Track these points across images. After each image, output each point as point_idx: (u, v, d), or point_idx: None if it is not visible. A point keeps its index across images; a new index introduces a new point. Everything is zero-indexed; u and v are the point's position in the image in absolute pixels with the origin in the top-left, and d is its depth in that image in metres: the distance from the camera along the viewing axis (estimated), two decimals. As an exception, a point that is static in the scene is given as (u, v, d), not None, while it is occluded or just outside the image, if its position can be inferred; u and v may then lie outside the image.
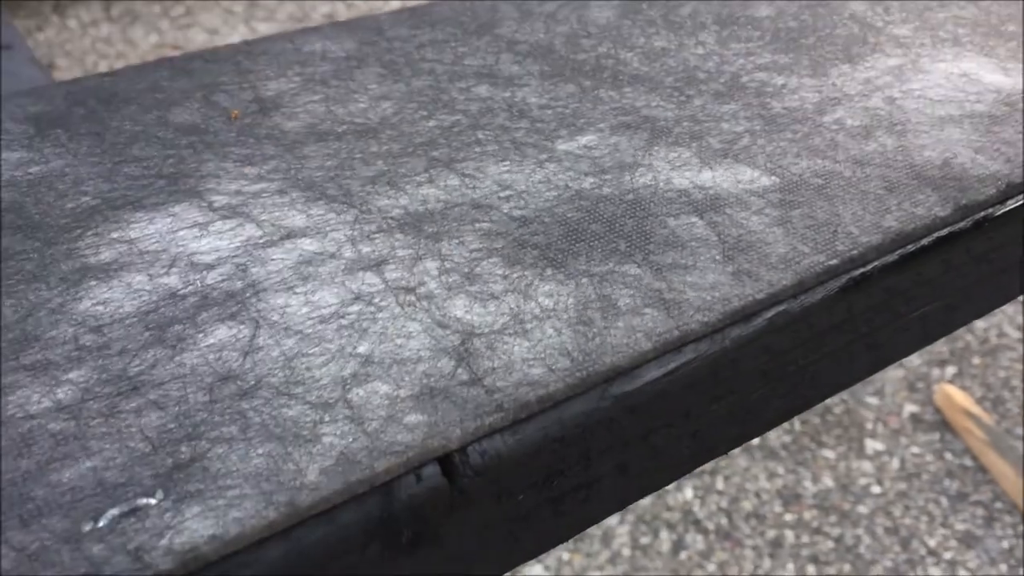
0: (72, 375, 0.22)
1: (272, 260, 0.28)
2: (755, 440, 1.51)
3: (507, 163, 0.34)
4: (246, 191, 0.31)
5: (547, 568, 1.20)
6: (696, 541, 1.29)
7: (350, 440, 0.20)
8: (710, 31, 0.44)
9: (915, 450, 1.47)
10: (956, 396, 1.52)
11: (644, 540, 1.29)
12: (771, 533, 1.32)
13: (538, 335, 0.26)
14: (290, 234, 0.29)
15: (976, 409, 1.51)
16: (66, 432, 0.20)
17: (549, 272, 0.29)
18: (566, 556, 1.23)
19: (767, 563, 1.29)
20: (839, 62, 0.42)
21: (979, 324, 1.69)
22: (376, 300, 0.26)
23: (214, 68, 0.38)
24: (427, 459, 0.21)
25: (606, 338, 0.26)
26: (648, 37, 0.43)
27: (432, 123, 0.36)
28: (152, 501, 0.17)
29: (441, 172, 0.33)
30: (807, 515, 1.34)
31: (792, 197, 0.33)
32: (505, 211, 0.32)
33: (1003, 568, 1.30)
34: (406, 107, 0.37)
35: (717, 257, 0.30)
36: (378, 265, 0.28)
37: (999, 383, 1.58)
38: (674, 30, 0.44)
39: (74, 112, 0.34)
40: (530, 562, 0.93)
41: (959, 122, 0.38)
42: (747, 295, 0.29)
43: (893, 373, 1.61)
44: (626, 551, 1.28)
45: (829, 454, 1.47)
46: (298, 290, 0.26)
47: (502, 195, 0.32)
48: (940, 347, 1.64)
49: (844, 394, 1.58)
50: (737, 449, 1.50)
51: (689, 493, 1.35)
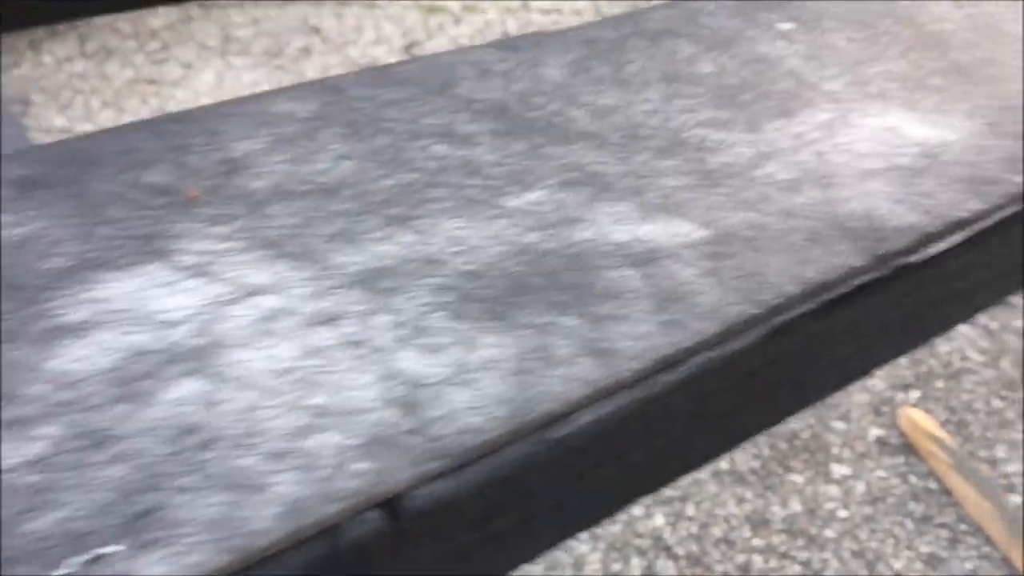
0: (45, 430, 0.24)
1: (235, 317, 0.30)
2: (724, 465, 1.54)
3: (460, 219, 0.37)
4: (213, 250, 0.33)
5: (520, 595, 1.22)
6: (667, 567, 1.31)
7: (301, 488, 0.22)
8: (656, 88, 0.46)
9: (881, 474, 1.50)
10: (920, 419, 1.56)
11: (616, 567, 1.30)
12: (740, 558, 1.34)
13: (480, 385, 0.28)
14: (252, 291, 0.31)
15: (940, 432, 1.54)
16: (38, 485, 0.22)
17: (493, 324, 0.31)
18: (539, 583, 1.24)
19: (737, 587, 1.31)
20: (774, 117, 0.45)
21: (942, 348, 1.73)
22: (330, 354, 0.29)
23: (186, 130, 0.40)
24: (372, 504, 0.23)
25: (543, 386, 0.29)
26: (597, 94, 0.46)
27: (390, 181, 0.38)
28: (115, 549, 0.19)
29: (397, 229, 0.36)
30: (775, 540, 1.37)
31: (723, 249, 0.36)
32: (455, 266, 0.34)
33: (966, 589, 1.33)
34: (366, 166, 0.39)
35: (649, 308, 0.33)
36: (333, 320, 0.30)
37: (962, 406, 1.61)
38: (622, 87, 0.46)
39: (54, 175, 0.37)
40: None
41: (882, 175, 0.41)
42: (676, 343, 0.31)
43: (858, 397, 1.64)
44: (599, 578, 1.29)
45: (797, 479, 1.50)
46: (258, 345, 0.28)
47: (453, 251, 0.35)
48: (904, 371, 1.68)
49: (811, 419, 1.61)
50: (707, 474, 1.52)
51: (660, 519, 1.37)
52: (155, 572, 0.19)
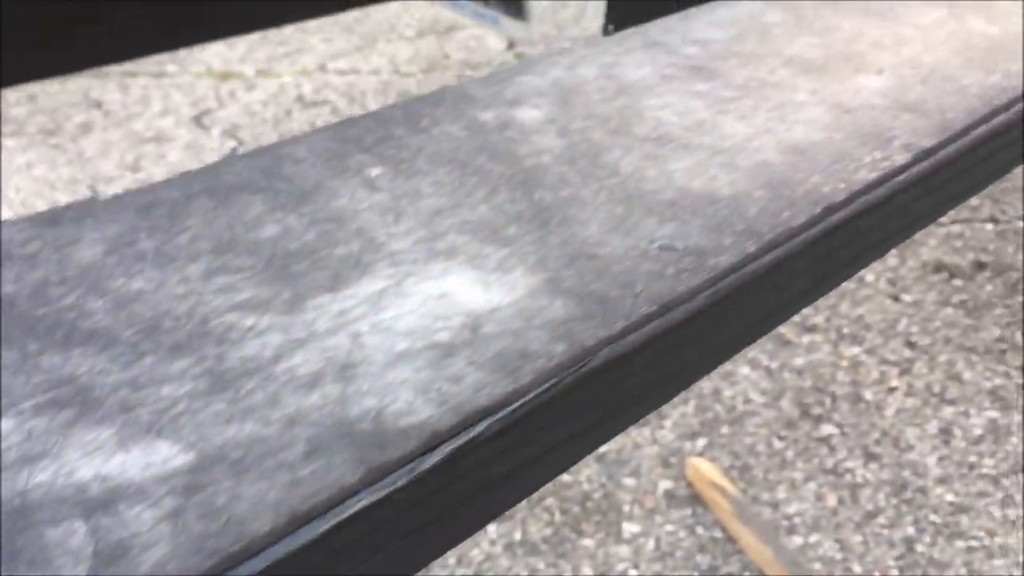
0: None
1: None
2: (517, 535, 1.51)
3: None
4: None
5: None
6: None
7: None
8: (201, 263, 0.43)
9: (669, 528, 1.52)
10: (704, 468, 1.59)
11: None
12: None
13: None
14: None
15: (722, 480, 1.58)
16: None
17: None
18: None
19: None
20: (322, 291, 0.42)
21: (726, 392, 1.77)
22: None
23: None
24: None
25: None
26: (130, 277, 0.42)
27: None
28: None
29: None
30: (553, 619, 1.35)
31: (200, 479, 0.33)
32: None
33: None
34: None
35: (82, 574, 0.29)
36: None
37: (745, 450, 1.66)
38: (162, 265, 0.43)
39: None
40: None
41: (414, 358, 0.38)
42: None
43: (648, 450, 1.66)
44: None
45: (588, 543, 1.49)
46: None
47: None
48: (692, 419, 1.71)
49: (603, 477, 1.62)
50: (500, 548, 1.50)
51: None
52: None
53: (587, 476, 1.60)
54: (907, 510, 1.53)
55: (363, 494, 0.33)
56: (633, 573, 1.45)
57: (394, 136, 0.53)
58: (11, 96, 2.84)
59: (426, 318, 0.41)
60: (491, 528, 1.49)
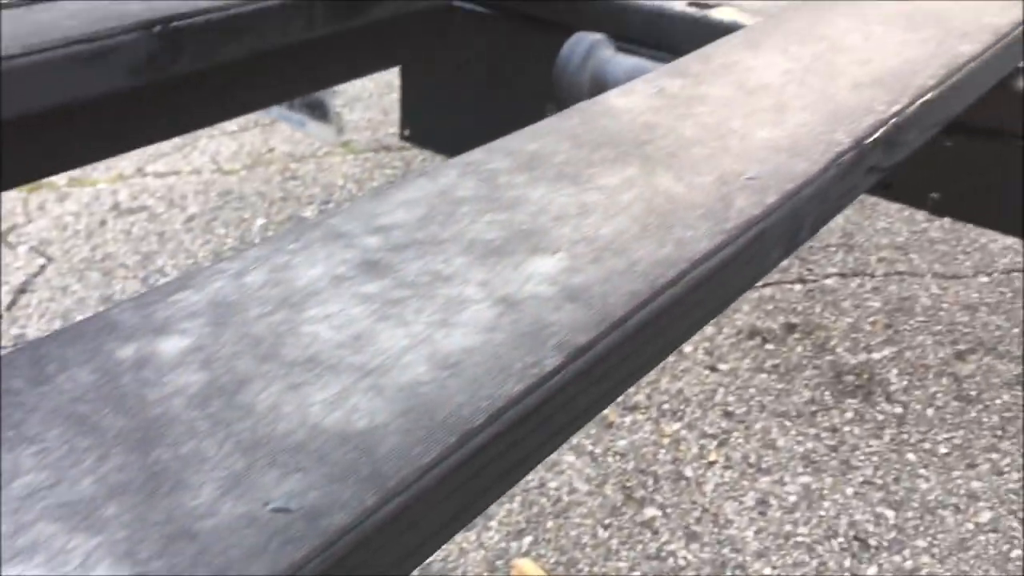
0: None
1: None
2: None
3: None
4: None
5: None
6: None
7: None
8: None
9: (494, 640, 1.50)
10: (528, 569, 1.58)
11: None
12: None
13: None
14: None
15: (546, 581, 1.57)
16: None
17: None
18: None
19: None
20: None
21: (551, 484, 1.78)
22: None
23: None
24: None
25: None
26: None
27: None
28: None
29: None
30: None
31: None
32: None
33: None
34: None
35: None
36: None
37: (571, 544, 1.66)
38: None
39: None
40: None
41: None
42: None
43: (474, 555, 1.64)
44: None
45: (413, 668, 1.45)
46: None
47: None
48: (517, 517, 1.70)
49: (430, 592, 1.58)
50: None
51: None
52: None
53: (413, 592, 1.56)
54: (728, 590, 1.55)
55: None
56: None
57: (11, 391, 0.50)
58: None
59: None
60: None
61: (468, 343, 0.56)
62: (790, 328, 2.16)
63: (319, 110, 2.04)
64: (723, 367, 2.04)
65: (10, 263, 2.36)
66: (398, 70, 1.79)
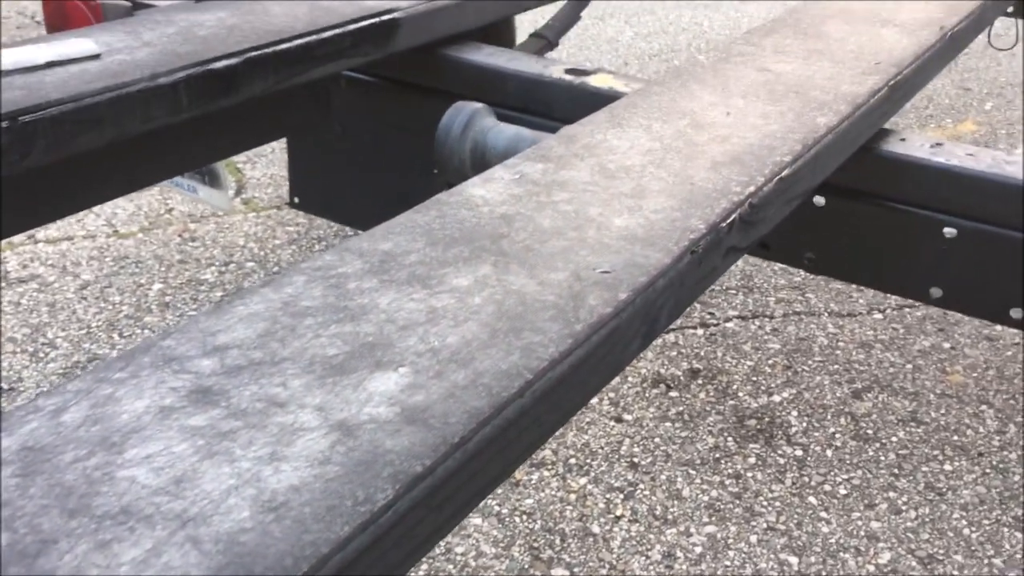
0: None
1: None
2: None
3: None
4: None
5: None
6: None
7: None
8: None
9: None
10: (435, 646, 1.54)
11: None
12: None
13: None
14: None
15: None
16: None
17: None
18: None
19: None
20: None
21: (458, 549, 1.75)
22: None
23: None
24: None
25: None
26: None
27: None
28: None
29: None
30: None
31: None
32: None
33: None
34: None
35: None
36: None
37: (479, 612, 1.62)
38: None
39: None
40: None
41: None
42: None
43: (381, 633, 1.59)
44: None
45: None
46: None
47: None
48: (424, 588, 1.67)
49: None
50: None
51: None
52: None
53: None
54: (635, 651, 1.54)
55: None
56: None
57: None
58: None
59: None
60: None
61: (297, 479, 0.54)
62: (694, 374, 2.19)
63: (210, 175, 2.00)
64: (628, 417, 2.05)
65: None
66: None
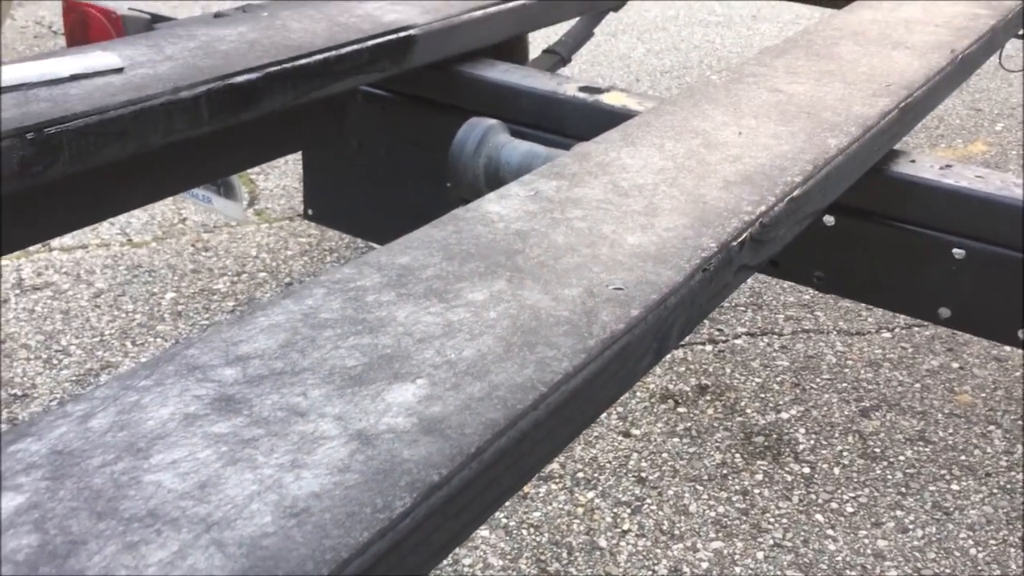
0: None
1: None
2: None
3: None
4: None
5: None
6: None
7: None
8: None
9: None
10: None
11: None
12: None
13: None
14: None
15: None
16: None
17: None
18: None
19: None
20: None
21: (465, 560, 1.76)
22: None
23: None
24: None
25: None
26: None
27: None
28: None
29: None
30: None
31: None
32: None
33: None
34: None
35: None
36: None
37: (486, 625, 1.63)
38: None
39: None
40: None
41: None
42: None
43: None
44: None
45: None
46: None
47: None
48: (431, 600, 1.67)
49: None
50: None
51: None
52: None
53: None
54: (641, 666, 1.55)
55: None
56: None
57: None
58: None
59: None
60: None
61: (318, 486, 0.55)
62: (702, 390, 2.20)
63: (224, 186, 2.03)
64: (636, 432, 2.06)
65: (-98, 347, 2.27)
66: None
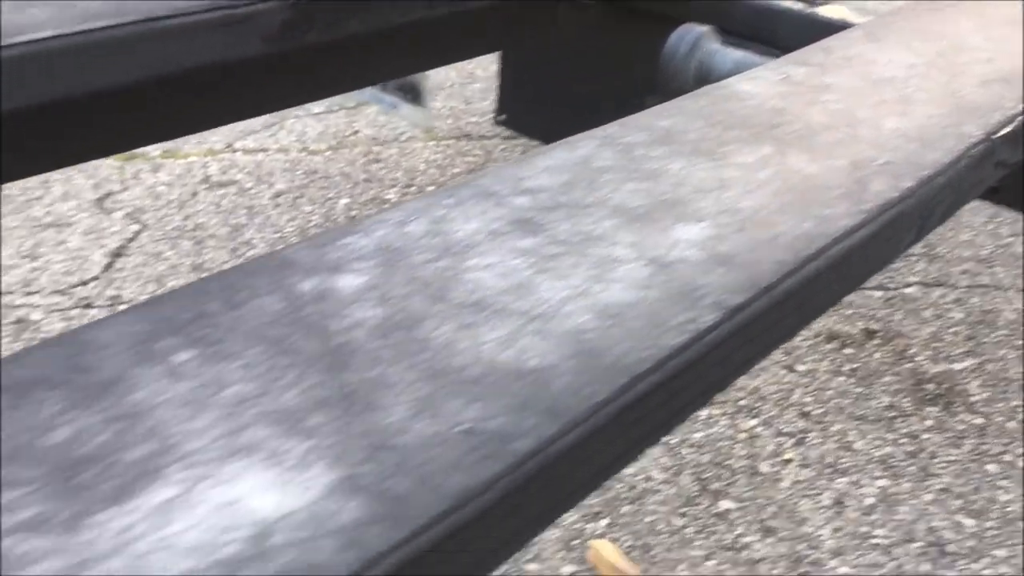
0: None
1: None
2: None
3: None
4: None
5: None
6: None
7: None
8: None
9: (570, 616, 1.52)
10: (605, 550, 1.60)
11: None
12: None
13: None
14: None
15: (622, 562, 1.59)
16: None
17: None
18: None
19: None
20: (107, 504, 0.42)
21: (627, 470, 1.79)
22: None
23: None
24: None
25: None
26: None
27: None
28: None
29: None
30: None
31: None
32: None
33: None
34: None
35: None
36: None
37: (646, 529, 1.67)
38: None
39: None
40: None
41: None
42: None
43: (550, 533, 1.66)
44: None
45: (488, 638, 1.48)
46: None
47: None
48: (593, 499, 1.72)
49: (506, 565, 1.61)
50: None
51: None
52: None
53: (488, 566, 1.59)
54: (802, 585, 1.55)
55: None
56: (533, 667, 1.44)
57: (207, 314, 0.54)
58: (-98, 181, 2.76)
59: (213, 531, 0.41)
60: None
61: (625, 298, 0.58)
62: (869, 334, 2.15)
63: (411, 93, 2.09)
64: (800, 368, 2.04)
65: (106, 228, 2.45)
66: (497, 55, 1.82)
